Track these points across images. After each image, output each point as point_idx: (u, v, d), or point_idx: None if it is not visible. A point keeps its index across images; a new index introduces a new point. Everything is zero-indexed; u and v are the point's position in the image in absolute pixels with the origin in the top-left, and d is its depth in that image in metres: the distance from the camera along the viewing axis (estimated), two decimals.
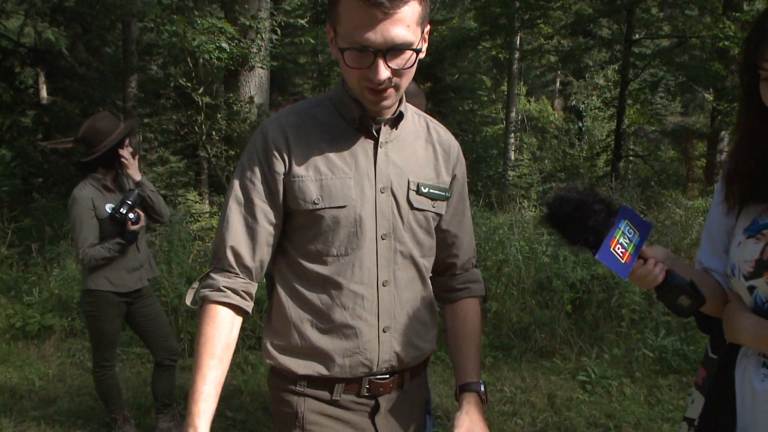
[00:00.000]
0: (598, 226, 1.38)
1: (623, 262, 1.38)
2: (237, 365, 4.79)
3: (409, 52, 1.35)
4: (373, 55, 1.33)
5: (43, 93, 13.33)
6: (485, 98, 22.10)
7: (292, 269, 1.54)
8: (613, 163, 13.37)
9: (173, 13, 6.40)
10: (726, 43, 10.98)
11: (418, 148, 1.57)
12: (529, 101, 25.66)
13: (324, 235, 1.49)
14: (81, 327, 5.54)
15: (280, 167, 1.48)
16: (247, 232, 1.50)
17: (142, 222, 3.49)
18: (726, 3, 12.79)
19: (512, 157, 17.14)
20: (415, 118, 1.61)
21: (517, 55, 16.98)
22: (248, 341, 5.14)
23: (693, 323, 4.75)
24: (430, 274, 1.66)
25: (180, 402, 3.91)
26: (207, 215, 8.69)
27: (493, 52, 16.87)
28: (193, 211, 8.64)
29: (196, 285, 1.54)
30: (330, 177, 1.47)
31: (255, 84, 7.40)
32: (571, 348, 4.68)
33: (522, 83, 24.60)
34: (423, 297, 1.59)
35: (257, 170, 1.50)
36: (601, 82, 21.14)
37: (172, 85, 7.38)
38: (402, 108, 1.51)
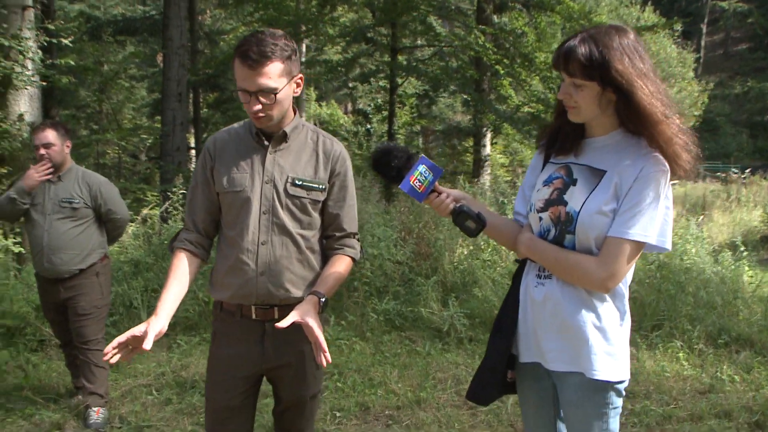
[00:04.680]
0: (400, 166, 2.06)
1: (419, 191, 2.06)
2: (19, 366, 5.19)
3: (272, 95, 2.16)
4: (249, 95, 2.15)
5: None
6: None
7: (222, 233, 2.39)
8: None
9: None
10: (478, 51, 12.59)
11: (303, 155, 2.33)
12: (320, 105, 26.82)
13: (230, 209, 2.32)
14: None
15: (209, 164, 2.35)
16: (196, 205, 2.38)
17: None
18: (478, 18, 14.41)
19: None
20: (309, 134, 2.38)
21: (303, 59, 17.87)
22: (30, 344, 5.53)
23: (407, 292, 5.88)
24: (314, 240, 2.36)
25: None
26: None
27: None
28: None
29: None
30: (235, 171, 2.30)
31: (25, 102, 7.62)
32: None
33: (312, 88, 25.71)
34: (297, 257, 2.31)
35: (199, 166, 2.38)
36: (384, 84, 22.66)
37: None
38: (287, 128, 2.31)
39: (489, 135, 16.49)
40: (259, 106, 2.19)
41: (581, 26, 12.48)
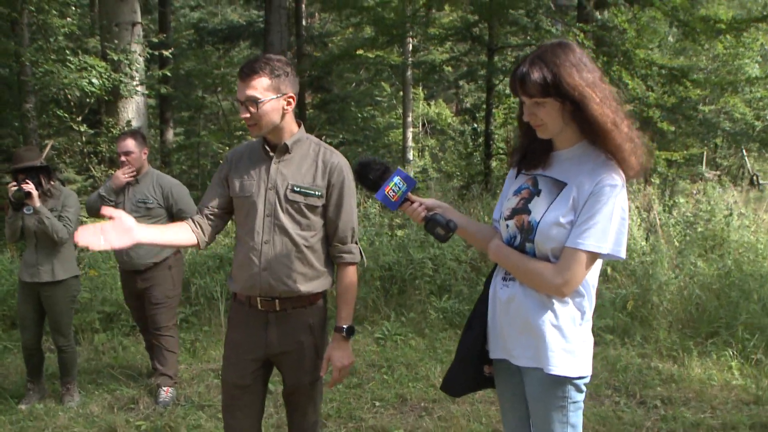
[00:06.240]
0: (376, 178, 2.30)
1: (392, 200, 2.27)
2: (112, 348, 5.81)
3: (256, 104, 2.47)
4: (241, 105, 2.50)
5: None
6: (386, 104, 23.32)
7: (237, 232, 2.72)
8: (485, 161, 14.81)
9: (49, 53, 7.30)
10: None
11: (304, 164, 2.63)
12: (429, 105, 26.97)
13: (240, 211, 2.66)
14: None
15: (225, 171, 2.72)
16: (208, 197, 2.73)
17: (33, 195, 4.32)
18: (579, 15, 14.14)
19: (410, 158, 18.53)
20: (312, 146, 2.68)
21: (410, 61, 18.09)
22: (123, 329, 6.16)
23: (470, 292, 6.04)
24: (313, 240, 2.65)
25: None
26: None
27: (373, 58, 17.42)
28: None
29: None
30: (246, 179, 2.64)
31: (133, 109, 8.39)
32: (380, 315, 5.92)
33: (421, 87, 25.86)
34: (296, 255, 2.61)
35: (218, 170, 2.76)
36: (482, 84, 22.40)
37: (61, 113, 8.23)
38: (288, 141, 2.62)
39: None
40: (247, 115, 2.52)
41: (682, 21, 12.15)
